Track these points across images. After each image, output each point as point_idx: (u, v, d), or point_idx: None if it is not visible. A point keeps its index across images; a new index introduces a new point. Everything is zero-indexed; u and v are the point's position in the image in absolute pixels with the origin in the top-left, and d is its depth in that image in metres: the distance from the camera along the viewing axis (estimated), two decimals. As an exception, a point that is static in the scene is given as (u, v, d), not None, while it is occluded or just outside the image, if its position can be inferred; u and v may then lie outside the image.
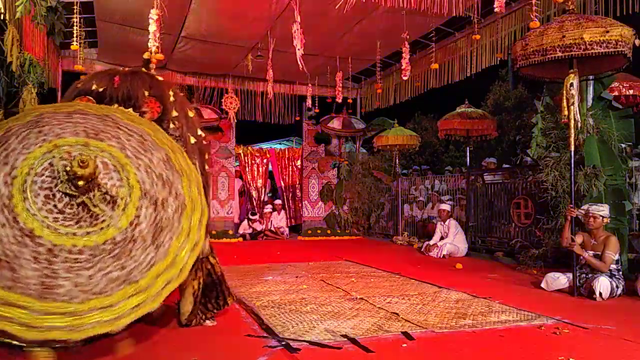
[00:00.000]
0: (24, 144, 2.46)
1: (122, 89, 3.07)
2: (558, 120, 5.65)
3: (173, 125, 3.15)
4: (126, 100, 3.05)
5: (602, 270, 4.45)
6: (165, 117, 3.12)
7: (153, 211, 2.46)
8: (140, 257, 2.37)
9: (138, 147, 2.61)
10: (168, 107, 3.16)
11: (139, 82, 3.15)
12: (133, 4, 7.13)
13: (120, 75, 3.13)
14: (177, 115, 3.19)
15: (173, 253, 2.45)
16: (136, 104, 3.07)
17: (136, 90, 3.09)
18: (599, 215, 4.60)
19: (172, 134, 3.11)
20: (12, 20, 5.10)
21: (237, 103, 10.62)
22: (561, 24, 4.25)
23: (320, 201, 11.66)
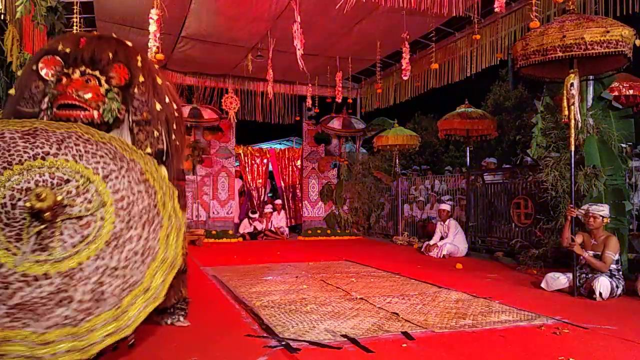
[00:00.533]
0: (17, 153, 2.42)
1: (87, 51, 3.01)
2: (558, 120, 5.65)
3: (138, 90, 3.10)
4: (92, 64, 3.01)
5: (602, 271, 4.45)
6: (132, 83, 3.09)
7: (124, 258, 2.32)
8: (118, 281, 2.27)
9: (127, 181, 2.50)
10: (135, 72, 3.11)
11: (105, 45, 3.09)
12: (133, 4, 7.13)
13: (86, 38, 3.09)
14: (143, 80, 3.13)
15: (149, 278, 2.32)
16: (103, 69, 3.02)
17: (101, 53, 3.03)
18: (599, 215, 4.59)
19: (138, 98, 3.09)
20: (12, 20, 5.10)
21: (237, 103, 10.62)
22: (562, 24, 4.25)
23: (320, 201, 11.67)
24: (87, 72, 2.99)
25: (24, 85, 3.03)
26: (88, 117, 2.92)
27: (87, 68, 3.00)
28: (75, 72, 2.98)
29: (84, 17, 7.10)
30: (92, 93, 2.94)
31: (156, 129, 3.14)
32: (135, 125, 3.09)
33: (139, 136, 3.08)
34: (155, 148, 3.12)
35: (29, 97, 3.00)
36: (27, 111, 2.96)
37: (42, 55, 3.03)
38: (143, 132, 3.11)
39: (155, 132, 3.14)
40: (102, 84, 3.01)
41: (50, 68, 2.98)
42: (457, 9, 6.32)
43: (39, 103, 2.98)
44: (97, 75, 3.00)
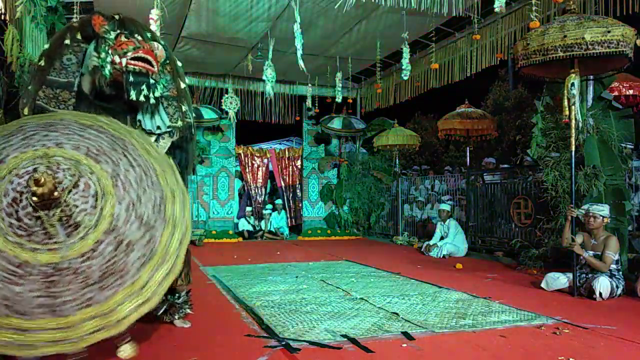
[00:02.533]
0: (24, 142, 2.44)
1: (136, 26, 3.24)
2: (558, 120, 5.65)
3: (167, 68, 3.38)
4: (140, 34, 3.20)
5: (602, 271, 4.45)
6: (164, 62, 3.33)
7: (112, 251, 2.31)
8: (78, 293, 2.22)
9: (133, 181, 2.49)
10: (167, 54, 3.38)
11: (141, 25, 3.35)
12: (133, 4, 7.12)
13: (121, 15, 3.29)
14: (169, 61, 3.41)
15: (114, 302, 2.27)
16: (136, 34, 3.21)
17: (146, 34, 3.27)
18: (599, 215, 4.59)
19: (165, 76, 3.35)
20: (12, 20, 5.10)
21: (237, 103, 10.63)
22: (562, 24, 4.25)
23: (320, 201, 11.66)
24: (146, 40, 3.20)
25: (55, 56, 3.18)
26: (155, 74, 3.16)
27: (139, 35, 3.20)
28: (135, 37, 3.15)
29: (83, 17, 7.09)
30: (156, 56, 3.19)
31: (183, 104, 3.40)
32: (164, 99, 3.33)
33: (168, 110, 3.34)
34: (184, 122, 3.38)
35: (60, 68, 3.18)
36: (60, 80, 3.16)
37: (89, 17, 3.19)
38: (172, 107, 3.37)
39: (183, 106, 3.40)
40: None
41: (101, 25, 3.11)
42: (457, 9, 6.32)
43: (73, 73, 3.18)
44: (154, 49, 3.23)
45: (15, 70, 5.38)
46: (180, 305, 3.49)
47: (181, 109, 3.39)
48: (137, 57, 3.07)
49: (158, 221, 2.45)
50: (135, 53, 3.07)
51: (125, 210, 2.37)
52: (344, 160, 11.67)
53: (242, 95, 11.20)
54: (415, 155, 14.22)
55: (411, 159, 14.27)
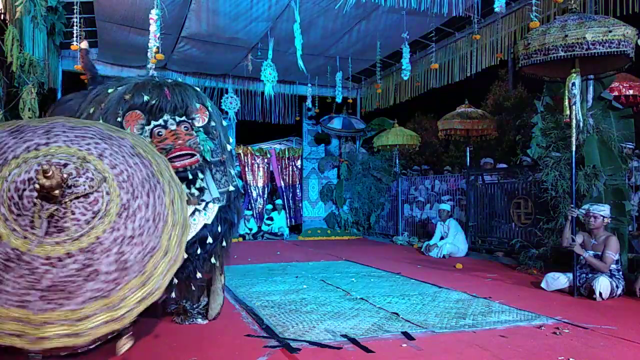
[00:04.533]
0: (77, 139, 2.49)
1: (174, 101, 3.17)
2: (558, 120, 5.65)
3: (214, 133, 3.30)
4: (178, 110, 3.17)
5: (603, 271, 4.45)
6: (210, 125, 3.28)
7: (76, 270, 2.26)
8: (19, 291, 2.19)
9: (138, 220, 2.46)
10: (212, 116, 3.33)
11: (189, 92, 3.27)
12: (133, 4, 7.13)
13: (169, 87, 3.22)
14: (214, 125, 3.34)
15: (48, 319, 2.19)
16: (187, 112, 3.19)
17: (188, 100, 3.22)
18: (600, 215, 4.59)
19: (214, 142, 3.27)
20: (12, 20, 5.09)
21: (237, 103, 10.62)
22: (564, 24, 4.25)
23: (320, 201, 11.66)
24: (179, 121, 3.14)
25: None
26: (197, 163, 3.10)
27: (175, 116, 3.15)
28: (171, 123, 3.12)
29: (84, 17, 7.10)
30: (194, 139, 3.13)
31: (230, 167, 3.36)
32: (213, 166, 3.25)
33: (216, 176, 3.26)
34: (230, 186, 3.31)
35: None
36: None
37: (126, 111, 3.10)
38: (220, 172, 3.29)
39: (231, 171, 3.37)
40: (193, 127, 3.19)
41: (134, 123, 3.08)
42: (457, 9, 6.32)
43: None
44: (186, 121, 3.17)
45: (15, 70, 5.38)
46: (192, 314, 3.55)
47: (228, 173, 3.34)
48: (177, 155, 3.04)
49: (134, 267, 2.36)
50: (172, 154, 3.03)
51: (111, 241, 2.33)
52: (344, 160, 11.67)
53: (242, 95, 11.20)
54: (415, 155, 14.21)
55: (411, 159, 14.26)
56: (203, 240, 3.19)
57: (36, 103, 5.89)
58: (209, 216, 3.22)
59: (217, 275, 3.57)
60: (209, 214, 3.23)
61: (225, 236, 3.31)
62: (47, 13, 6.25)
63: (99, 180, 2.38)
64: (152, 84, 3.24)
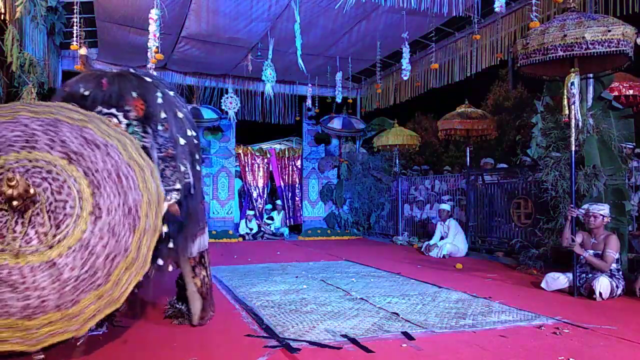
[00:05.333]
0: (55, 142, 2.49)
1: (109, 91, 3.04)
2: (558, 120, 5.65)
3: (162, 127, 3.11)
4: (109, 102, 3.03)
5: (604, 269, 4.45)
6: (152, 119, 3.09)
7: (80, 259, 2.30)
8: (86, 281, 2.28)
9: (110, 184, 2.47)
10: (156, 109, 3.12)
11: (128, 83, 3.11)
12: (133, 4, 7.12)
13: (107, 78, 3.10)
14: (165, 117, 3.15)
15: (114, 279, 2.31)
16: (120, 103, 3.04)
17: (124, 91, 3.06)
18: (600, 215, 4.59)
19: (162, 135, 3.09)
20: (12, 20, 5.10)
21: (237, 103, 10.63)
22: (563, 23, 4.24)
23: (320, 201, 11.66)
24: (104, 112, 2.99)
25: None
26: None
27: (103, 108, 3.01)
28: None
29: (84, 17, 7.09)
30: None
31: (182, 163, 3.15)
32: (161, 162, 3.10)
33: (165, 172, 3.10)
34: (183, 182, 3.14)
35: None
36: None
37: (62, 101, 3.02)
38: (169, 168, 3.12)
39: (182, 167, 3.16)
40: (120, 120, 3.02)
41: None
42: (457, 9, 6.32)
43: None
44: (114, 113, 3.01)
45: (15, 70, 5.38)
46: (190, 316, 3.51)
47: (179, 169, 3.14)
48: None
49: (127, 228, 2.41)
50: None
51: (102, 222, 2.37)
52: (344, 160, 11.67)
53: (242, 95, 11.19)
54: (415, 155, 14.22)
55: (411, 159, 14.27)
56: None
57: (36, 103, 5.88)
58: None
59: (189, 279, 3.44)
60: None
61: (173, 237, 3.07)
62: (47, 13, 6.25)
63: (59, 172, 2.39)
64: (96, 75, 3.15)
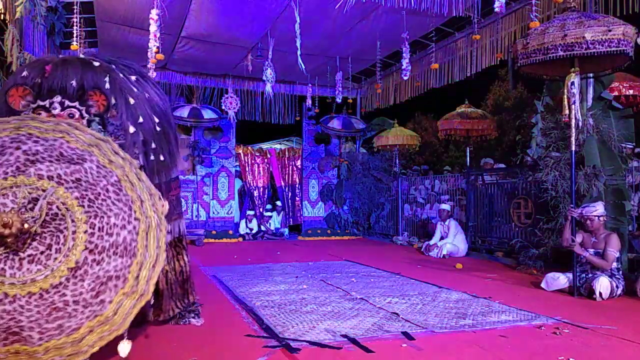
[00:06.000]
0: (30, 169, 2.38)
1: (53, 79, 2.84)
2: (558, 120, 5.65)
3: (110, 114, 2.92)
4: (65, 92, 2.83)
5: (605, 268, 4.45)
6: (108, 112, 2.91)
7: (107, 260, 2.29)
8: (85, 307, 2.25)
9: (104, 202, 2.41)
10: (108, 99, 2.92)
11: (70, 70, 2.88)
12: (133, 4, 7.12)
13: (51, 64, 2.88)
14: (114, 102, 2.93)
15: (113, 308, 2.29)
16: (81, 98, 2.85)
17: (68, 80, 2.84)
18: (594, 217, 4.60)
19: (113, 123, 2.91)
20: (12, 20, 5.10)
21: (237, 103, 10.63)
22: (563, 23, 4.24)
23: (320, 201, 11.66)
24: (67, 105, 2.82)
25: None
26: None
27: (64, 99, 2.82)
28: (55, 106, 2.80)
29: (84, 17, 7.09)
30: None
31: (131, 151, 2.93)
32: None
33: None
34: None
35: None
36: None
37: (10, 87, 2.84)
38: None
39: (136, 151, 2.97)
40: (83, 115, 2.84)
41: (18, 99, 2.79)
42: (457, 9, 6.32)
43: None
44: (77, 107, 2.84)
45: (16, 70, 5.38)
46: (183, 315, 3.49)
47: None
48: None
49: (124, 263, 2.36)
50: None
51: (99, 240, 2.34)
52: (344, 160, 11.67)
53: (242, 95, 11.19)
54: (415, 155, 14.23)
55: (411, 159, 14.28)
56: None
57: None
58: None
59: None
60: None
61: None
62: (47, 13, 6.24)
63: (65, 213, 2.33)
64: (43, 62, 2.94)
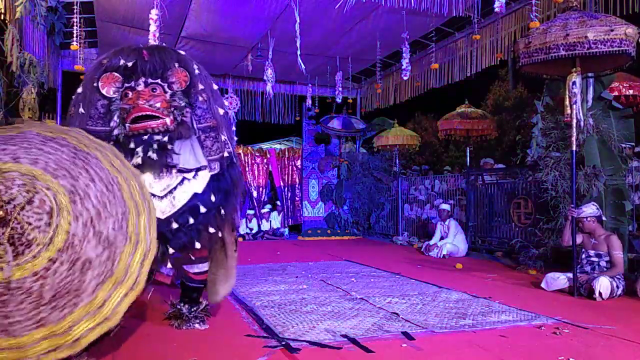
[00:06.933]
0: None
1: (152, 62, 3.09)
2: (558, 120, 5.65)
3: (201, 97, 3.18)
4: (153, 73, 3.08)
5: (620, 272, 4.49)
6: (192, 89, 3.16)
7: (67, 270, 2.22)
8: (30, 313, 2.17)
9: (93, 196, 2.38)
10: (194, 80, 3.18)
11: (168, 55, 3.18)
12: (133, 4, 7.13)
13: (147, 50, 3.16)
14: (203, 88, 3.21)
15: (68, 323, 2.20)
16: (164, 76, 3.10)
17: (167, 63, 3.13)
18: (583, 218, 4.64)
19: (201, 106, 3.16)
20: (12, 20, 5.10)
21: (237, 103, 10.63)
22: (565, 22, 4.23)
23: (320, 201, 11.66)
24: (149, 82, 3.05)
25: (89, 102, 3.05)
26: (163, 125, 3.01)
27: (148, 78, 3.06)
28: (139, 84, 3.04)
29: (84, 17, 7.10)
30: (161, 101, 3.03)
31: (222, 133, 3.21)
32: (201, 132, 3.15)
33: (206, 143, 3.15)
34: (224, 152, 3.20)
35: (97, 116, 3.05)
36: (99, 129, 3.00)
37: (101, 73, 3.07)
38: (210, 139, 3.18)
39: (222, 136, 3.22)
40: (166, 90, 3.08)
41: (110, 85, 3.04)
42: (457, 9, 6.32)
43: (109, 121, 3.04)
44: (159, 83, 3.07)
45: (15, 70, 5.39)
46: (189, 318, 3.43)
47: (220, 139, 3.19)
48: (137, 117, 2.95)
49: (119, 238, 2.35)
50: (133, 114, 2.94)
51: (82, 227, 2.28)
52: (344, 160, 11.67)
53: (242, 95, 11.20)
54: (415, 155, 14.23)
55: (411, 159, 14.28)
56: (195, 210, 3.08)
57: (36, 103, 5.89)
58: (200, 185, 3.11)
59: (230, 252, 3.45)
60: (199, 182, 3.12)
61: (222, 205, 3.17)
62: (47, 13, 6.24)
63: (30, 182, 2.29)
64: (131, 49, 3.19)
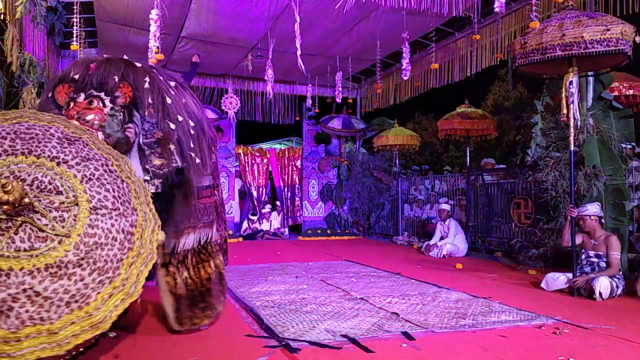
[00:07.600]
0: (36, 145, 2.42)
1: (96, 76, 3.10)
2: (558, 120, 5.65)
3: (148, 112, 3.15)
4: (99, 86, 3.09)
5: (616, 274, 4.48)
6: (140, 104, 3.13)
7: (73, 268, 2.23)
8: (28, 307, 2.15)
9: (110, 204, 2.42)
10: (139, 94, 3.15)
11: (113, 68, 3.17)
12: (133, 4, 7.13)
13: (96, 62, 3.18)
14: (152, 102, 3.17)
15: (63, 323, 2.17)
16: (109, 90, 3.09)
17: (110, 77, 3.12)
18: (587, 216, 4.62)
19: (149, 120, 3.13)
20: (12, 20, 5.10)
21: (237, 103, 10.63)
22: (561, 22, 4.24)
23: (320, 201, 11.66)
24: (92, 94, 3.05)
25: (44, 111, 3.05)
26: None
27: (93, 90, 3.07)
28: (80, 96, 3.05)
29: (84, 17, 7.09)
30: (94, 114, 3.00)
31: (169, 150, 3.15)
32: (147, 147, 3.12)
33: (150, 158, 3.12)
34: (169, 168, 3.13)
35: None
36: None
37: (56, 84, 3.11)
38: (155, 154, 3.13)
39: (168, 153, 3.15)
40: (106, 104, 3.06)
41: (63, 95, 3.07)
42: (457, 9, 6.32)
43: None
44: (101, 97, 3.06)
45: (15, 70, 5.39)
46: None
47: (166, 154, 3.12)
48: None
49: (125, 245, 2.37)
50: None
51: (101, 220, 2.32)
52: (344, 160, 11.67)
53: (242, 95, 11.20)
54: (415, 155, 14.24)
55: (411, 159, 14.29)
56: None
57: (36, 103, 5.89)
58: None
59: (160, 276, 3.32)
60: None
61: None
62: (47, 13, 6.25)
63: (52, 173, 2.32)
64: (84, 61, 3.22)
